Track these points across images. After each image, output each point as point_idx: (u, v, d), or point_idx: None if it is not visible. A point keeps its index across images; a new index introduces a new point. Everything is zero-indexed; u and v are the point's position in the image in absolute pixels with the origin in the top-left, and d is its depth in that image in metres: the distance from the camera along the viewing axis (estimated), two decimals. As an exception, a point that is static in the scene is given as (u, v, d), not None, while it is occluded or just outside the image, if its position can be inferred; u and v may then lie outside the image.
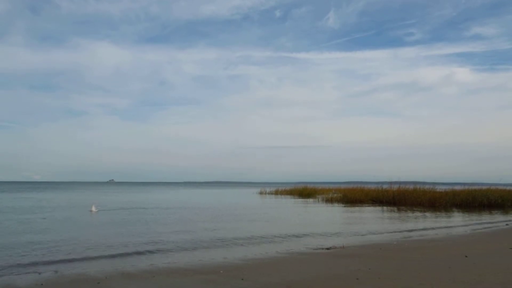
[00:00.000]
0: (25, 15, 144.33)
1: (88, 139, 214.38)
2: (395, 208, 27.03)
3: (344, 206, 29.71)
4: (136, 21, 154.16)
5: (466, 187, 31.10)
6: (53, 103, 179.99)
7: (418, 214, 23.04)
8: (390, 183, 32.94)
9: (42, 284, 6.79)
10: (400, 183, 32.68)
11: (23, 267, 8.27)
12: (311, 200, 38.78)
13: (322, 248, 10.54)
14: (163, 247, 10.81)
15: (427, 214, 23.07)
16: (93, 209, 22.07)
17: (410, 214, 23.09)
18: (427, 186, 31.59)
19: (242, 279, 6.88)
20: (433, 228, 15.80)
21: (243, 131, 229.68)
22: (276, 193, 50.61)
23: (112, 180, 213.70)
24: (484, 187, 30.85)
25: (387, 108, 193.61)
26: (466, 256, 8.75)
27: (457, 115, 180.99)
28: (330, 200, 35.91)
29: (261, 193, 52.15)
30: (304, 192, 45.66)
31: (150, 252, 10.18)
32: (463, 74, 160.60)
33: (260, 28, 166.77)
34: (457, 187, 32.19)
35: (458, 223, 18.30)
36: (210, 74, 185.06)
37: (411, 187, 31.45)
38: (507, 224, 17.13)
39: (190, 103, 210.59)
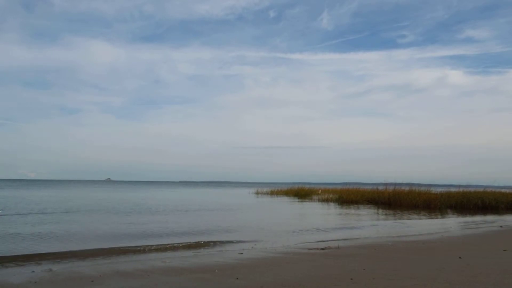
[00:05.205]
0: (18, 12, 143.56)
1: (83, 137, 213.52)
2: (391, 209, 27.13)
3: (340, 207, 29.78)
4: (130, 20, 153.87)
5: (461, 189, 31.28)
6: (47, 100, 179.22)
7: (413, 215, 23.14)
8: (386, 184, 33.13)
9: (36, 282, 6.76)
10: (395, 184, 32.87)
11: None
12: (306, 200, 38.83)
13: (317, 248, 10.56)
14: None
15: (422, 215, 23.18)
16: None
17: (405, 215, 23.19)
18: (422, 188, 31.74)
19: (237, 278, 6.89)
20: (427, 230, 15.86)
21: (238, 131, 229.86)
22: (272, 193, 50.54)
23: (109, 178, 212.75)
24: (478, 189, 31.05)
25: (381, 109, 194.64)
26: (460, 257, 8.80)
27: (450, 117, 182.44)
28: (325, 201, 36.00)
29: (257, 193, 52.09)
30: (300, 192, 45.71)
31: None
32: (456, 76, 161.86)
33: (254, 28, 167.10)
34: (452, 189, 32.34)
35: (452, 224, 18.40)
36: (204, 73, 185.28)
37: (407, 188, 31.60)
38: (501, 227, 17.24)
39: (185, 102, 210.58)
